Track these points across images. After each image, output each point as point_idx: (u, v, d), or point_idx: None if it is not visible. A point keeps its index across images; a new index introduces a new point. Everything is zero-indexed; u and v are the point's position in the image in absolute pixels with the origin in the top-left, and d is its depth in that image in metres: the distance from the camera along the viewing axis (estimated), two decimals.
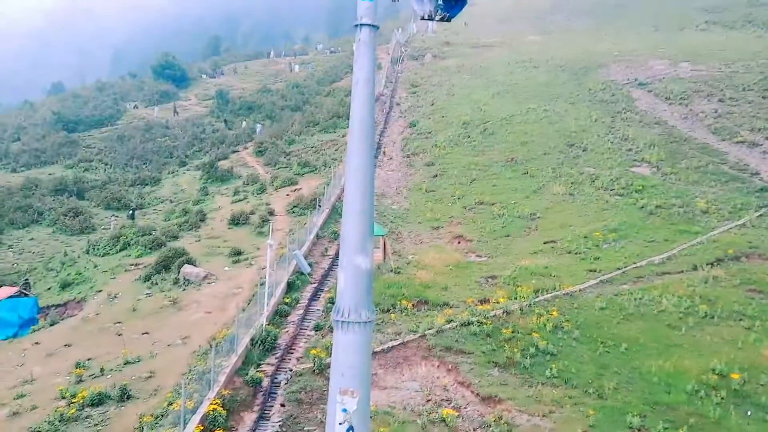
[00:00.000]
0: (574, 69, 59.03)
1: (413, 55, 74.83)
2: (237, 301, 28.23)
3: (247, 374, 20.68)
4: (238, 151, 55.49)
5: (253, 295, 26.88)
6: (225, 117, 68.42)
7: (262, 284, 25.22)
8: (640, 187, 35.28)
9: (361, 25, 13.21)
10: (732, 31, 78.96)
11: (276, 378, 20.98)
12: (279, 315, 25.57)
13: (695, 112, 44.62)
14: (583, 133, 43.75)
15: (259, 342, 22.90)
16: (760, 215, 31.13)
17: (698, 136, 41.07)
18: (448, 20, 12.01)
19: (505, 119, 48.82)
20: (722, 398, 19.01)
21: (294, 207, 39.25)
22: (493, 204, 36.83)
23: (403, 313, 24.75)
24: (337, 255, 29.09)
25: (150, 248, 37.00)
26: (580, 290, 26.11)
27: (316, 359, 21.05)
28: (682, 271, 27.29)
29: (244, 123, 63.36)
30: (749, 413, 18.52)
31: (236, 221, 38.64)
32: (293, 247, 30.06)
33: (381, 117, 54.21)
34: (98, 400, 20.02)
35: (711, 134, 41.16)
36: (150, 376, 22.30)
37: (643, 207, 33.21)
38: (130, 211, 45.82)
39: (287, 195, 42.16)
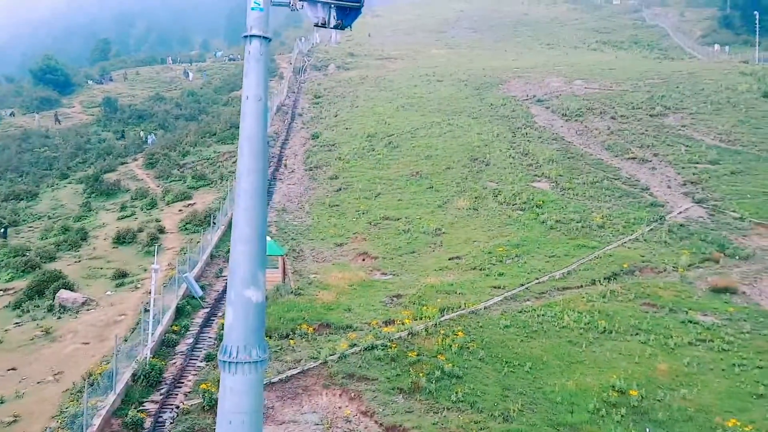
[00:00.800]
0: (476, 84, 59.91)
1: (316, 65, 73.65)
2: (119, 330, 25.73)
3: (126, 415, 18.58)
4: (126, 163, 51.74)
5: (138, 323, 24.54)
6: (117, 126, 64.05)
7: (147, 311, 23.01)
8: (541, 202, 35.74)
9: (251, 36, 11.78)
10: (620, 51, 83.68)
11: (160, 417, 18.98)
12: (166, 345, 23.43)
13: (590, 128, 46.16)
14: (486, 148, 44.10)
15: (142, 377, 20.75)
16: (651, 229, 32.21)
17: (593, 152, 42.41)
18: (342, 28, 11.00)
19: (410, 132, 48.52)
20: (622, 416, 18.97)
21: (187, 224, 36.77)
22: (398, 219, 36.13)
23: (304, 339, 23.34)
24: None
25: (23, 271, 33.36)
26: (485, 308, 25.74)
27: (206, 394, 19.27)
28: (581, 286, 27.61)
29: (141, 133, 59.31)
30: (648, 430, 18.54)
31: (122, 240, 35.66)
32: (183, 269, 27.89)
33: (283, 128, 52.52)
34: None
35: (605, 150, 42.61)
36: (14, 420, 19.82)
37: (543, 222, 33.57)
38: (2, 229, 41.41)
39: (179, 210, 39.54)
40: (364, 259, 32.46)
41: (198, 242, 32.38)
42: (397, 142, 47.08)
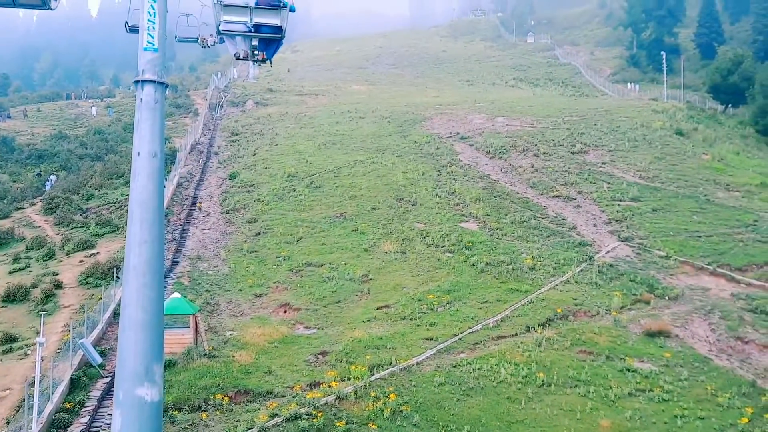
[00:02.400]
0: (399, 121, 59.17)
1: (234, 101, 71.08)
2: (2, 410, 22.23)
3: None
4: (23, 209, 47.07)
5: (25, 399, 21.17)
6: (14, 168, 58.68)
7: (32, 385, 19.87)
8: (470, 244, 34.66)
9: (143, 81, 9.66)
10: (537, 87, 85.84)
11: None
12: (57, 426, 20.24)
13: (514, 166, 45.97)
14: (412, 187, 42.95)
15: None
16: (581, 270, 31.66)
17: (519, 191, 42.04)
18: (265, 61, 10.54)
19: (333, 172, 46.81)
20: None
21: (88, 277, 33.21)
22: (321, 265, 34.08)
23: (218, 410, 20.77)
24: None
25: None
26: (417, 363, 24.02)
27: None
28: (516, 334, 26.43)
29: (53, 177, 53.78)
30: None
31: (12, 297, 31.66)
32: (80, 332, 24.68)
33: (197, 168, 49.67)
34: None
35: (530, 188, 42.34)
36: None
37: (473, 265, 32.44)
38: None
39: (81, 262, 35.84)
40: (285, 311, 30.14)
41: (100, 298, 29.12)
42: (319, 181, 45.24)
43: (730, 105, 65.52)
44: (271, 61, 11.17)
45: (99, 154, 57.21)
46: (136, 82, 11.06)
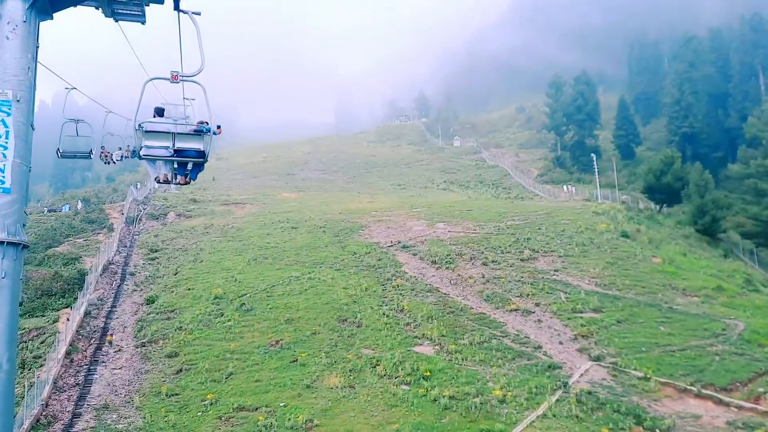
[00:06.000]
0: (335, 230, 55.67)
1: (153, 213, 65.84)
2: None
3: None
4: None
5: None
6: None
7: None
8: (428, 373, 30.40)
9: None
10: (468, 190, 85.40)
11: None
12: None
13: (463, 277, 42.80)
14: (355, 305, 38.77)
15: None
16: (557, 400, 27.84)
17: (473, 305, 38.56)
18: (188, 183, 10.19)
19: (265, 291, 42.08)
20: None
21: None
22: (256, 409, 28.73)
23: None
24: None
25: None
26: None
27: None
28: None
29: None
30: None
31: None
32: None
33: (109, 292, 43.73)
34: None
35: (484, 302, 38.99)
36: None
37: (435, 400, 28.04)
38: None
39: None
40: None
41: None
42: (250, 303, 40.33)
43: (665, 204, 66.29)
44: (195, 179, 10.83)
45: None
46: None
